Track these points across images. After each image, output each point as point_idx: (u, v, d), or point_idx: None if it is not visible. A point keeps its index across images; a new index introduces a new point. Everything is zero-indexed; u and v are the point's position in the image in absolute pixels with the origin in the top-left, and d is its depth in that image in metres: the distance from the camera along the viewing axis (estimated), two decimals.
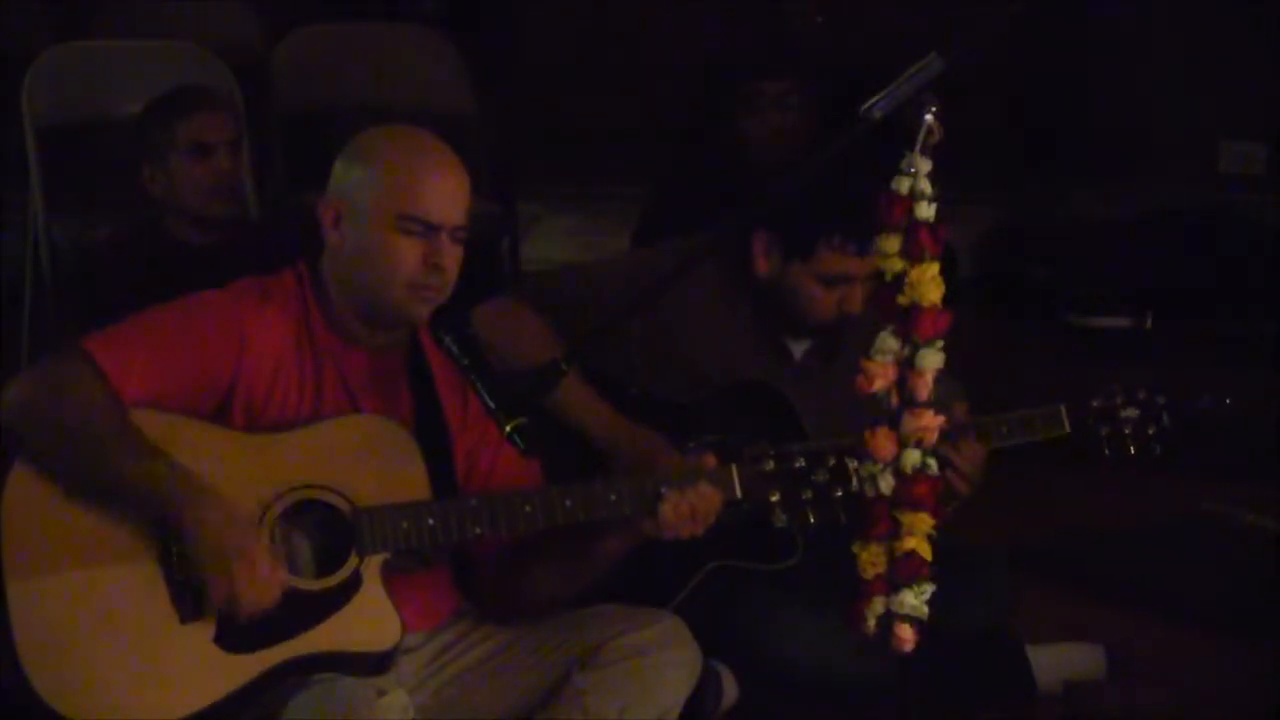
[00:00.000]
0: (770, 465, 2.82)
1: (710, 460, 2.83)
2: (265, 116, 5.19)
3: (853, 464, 2.76)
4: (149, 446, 2.61)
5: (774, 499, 2.81)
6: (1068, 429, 3.37)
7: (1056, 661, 3.53)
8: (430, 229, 2.74)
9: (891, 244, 2.58)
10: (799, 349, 3.49)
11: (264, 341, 2.76)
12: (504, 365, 2.94)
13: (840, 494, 2.79)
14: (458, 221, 2.77)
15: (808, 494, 2.81)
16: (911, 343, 2.58)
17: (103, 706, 2.57)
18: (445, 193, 2.77)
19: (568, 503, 2.75)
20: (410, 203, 2.74)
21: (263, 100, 5.22)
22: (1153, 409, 3.37)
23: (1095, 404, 3.37)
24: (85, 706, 2.57)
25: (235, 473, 2.66)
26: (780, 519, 2.82)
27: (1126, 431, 3.36)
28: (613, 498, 2.76)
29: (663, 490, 2.77)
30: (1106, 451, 3.37)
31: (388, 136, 2.85)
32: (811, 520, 2.82)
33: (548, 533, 2.78)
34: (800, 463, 2.82)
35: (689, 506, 2.76)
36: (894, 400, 2.61)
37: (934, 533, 2.63)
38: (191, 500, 2.58)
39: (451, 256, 2.77)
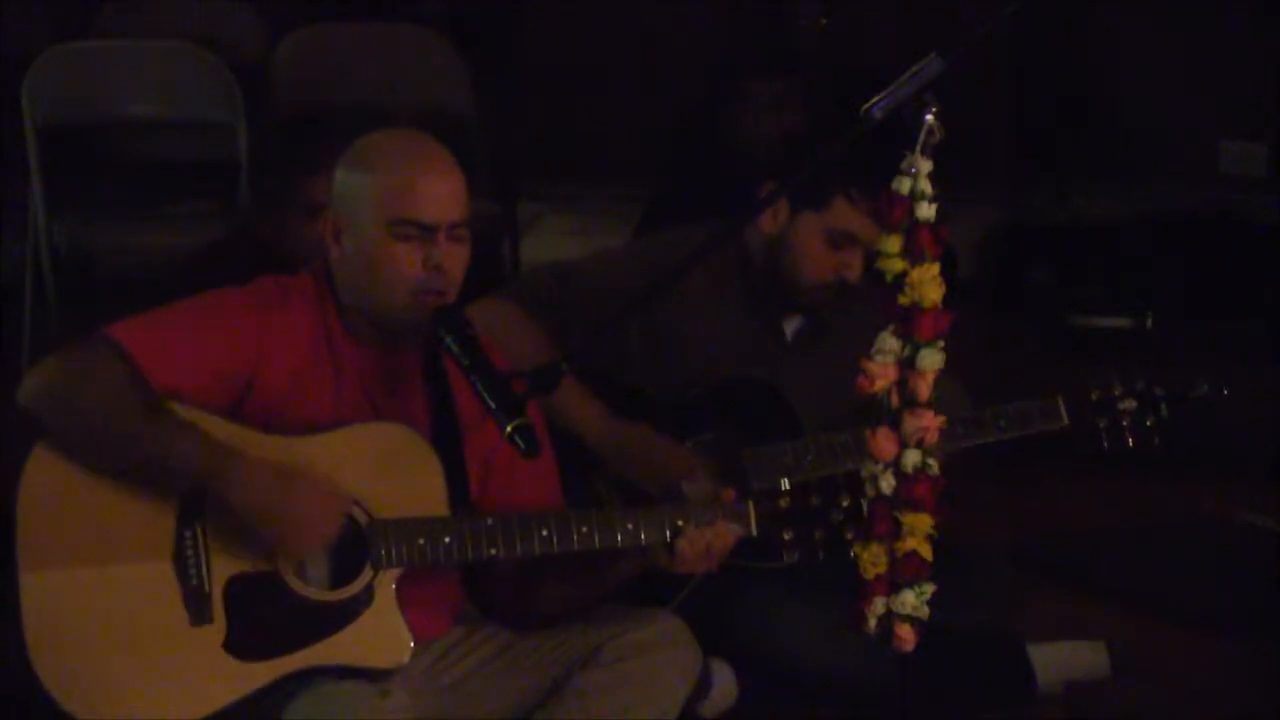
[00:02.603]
0: (785, 501, 2.82)
1: (729, 494, 2.83)
2: (265, 116, 5.19)
3: (866, 503, 2.74)
4: (180, 420, 2.60)
5: (787, 537, 2.81)
6: (1066, 421, 3.37)
7: (1058, 661, 3.53)
8: (426, 230, 2.72)
9: (892, 244, 2.58)
10: (790, 327, 3.49)
11: (285, 341, 2.74)
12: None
13: (851, 536, 2.78)
14: (453, 219, 2.74)
15: (820, 534, 2.81)
16: (912, 343, 2.58)
17: (109, 706, 2.57)
18: (437, 192, 2.74)
19: (584, 529, 2.74)
20: (403, 207, 2.72)
21: (263, 100, 5.22)
22: (1150, 400, 3.37)
23: (1093, 395, 3.37)
24: (91, 705, 2.57)
25: None
26: (791, 557, 2.82)
27: (1124, 423, 3.36)
28: (630, 526, 2.76)
29: (680, 524, 2.77)
30: (1105, 444, 3.37)
31: (374, 144, 2.81)
32: (820, 557, 2.82)
33: (561, 554, 2.78)
34: (815, 500, 2.81)
35: (705, 544, 2.77)
36: (894, 400, 2.61)
37: (935, 533, 2.63)
38: (231, 460, 2.58)
39: (452, 255, 2.74)
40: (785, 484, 2.84)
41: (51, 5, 5.78)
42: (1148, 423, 3.37)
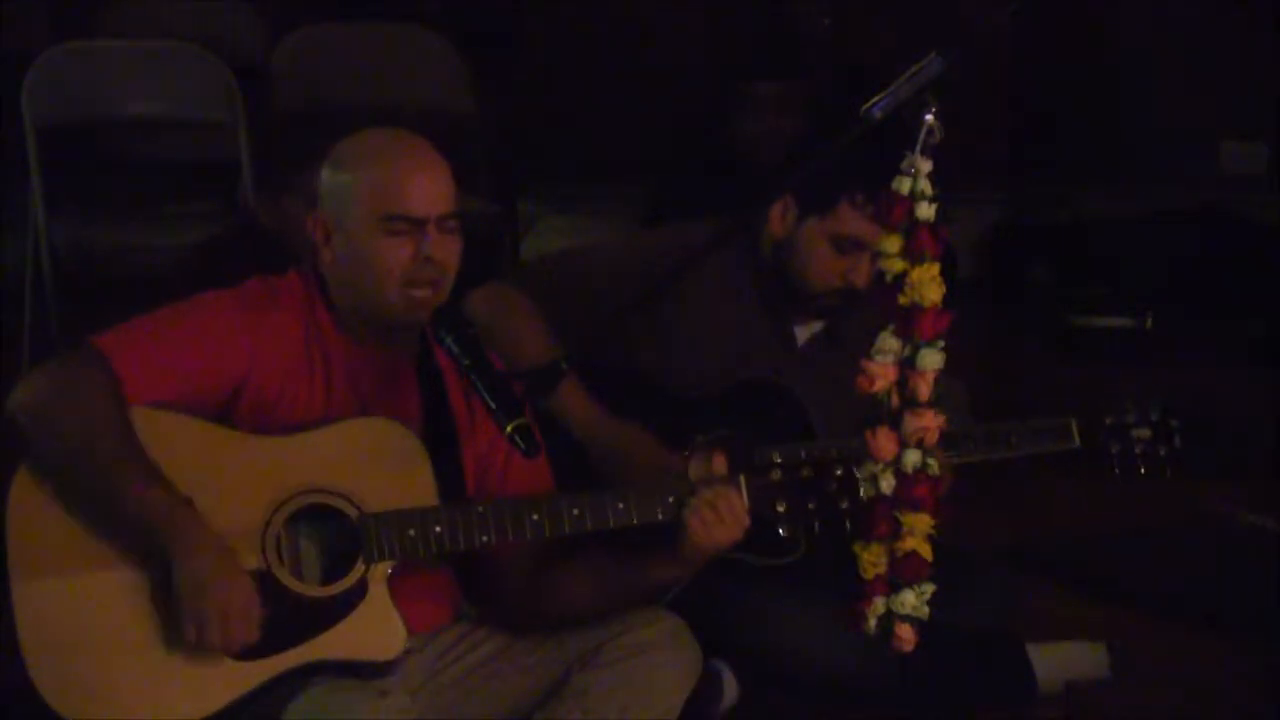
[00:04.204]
0: (778, 475, 2.81)
1: (720, 464, 2.82)
2: (265, 116, 5.20)
3: (860, 475, 2.74)
4: (149, 469, 2.59)
5: (780, 509, 2.81)
6: (1078, 443, 3.38)
7: (1058, 661, 3.53)
8: (416, 224, 2.72)
9: (892, 244, 2.58)
10: (803, 334, 3.49)
11: (275, 341, 2.74)
12: (498, 353, 2.93)
13: (846, 505, 2.77)
14: (442, 210, 2.74)
15: (813, 505, 2.80)
16: (912, 343, 2.58)
17: (106, 710, 2.57)
18: (424, 185, 2.73)
19: (575, 511, 2.74)
20: (391, 203, 2.72)
21: (263, 100, 5.22)
22: (1165, 430, 3.37)
23: (1107, 421, 3.37)
24: (88, 710, 2.56)
25: (243, 475, 2.65)
26: (786, 529, 2.81)
27: (1137, 451, 3.36)
28: (620, 506, 2.75)
29: (671, 500, 2.75)
30: (1116, 470, 3.37)
31: (358, 143, 2.81)
32: (816, 531, 2.81)
33: (584, 555, 2.77)
34: (808, 473, 2.81)
35: (711, 510, 2.74)
36: (894, 400, 2.61)
37: (935, 533, 2.63)
38: (183, 539, 2.55)
39: (443, 247, 2.74)
40: (777, 457, 2.83)
41: (51, 5, 5.78)
42: (1161, 452, 3.37)
